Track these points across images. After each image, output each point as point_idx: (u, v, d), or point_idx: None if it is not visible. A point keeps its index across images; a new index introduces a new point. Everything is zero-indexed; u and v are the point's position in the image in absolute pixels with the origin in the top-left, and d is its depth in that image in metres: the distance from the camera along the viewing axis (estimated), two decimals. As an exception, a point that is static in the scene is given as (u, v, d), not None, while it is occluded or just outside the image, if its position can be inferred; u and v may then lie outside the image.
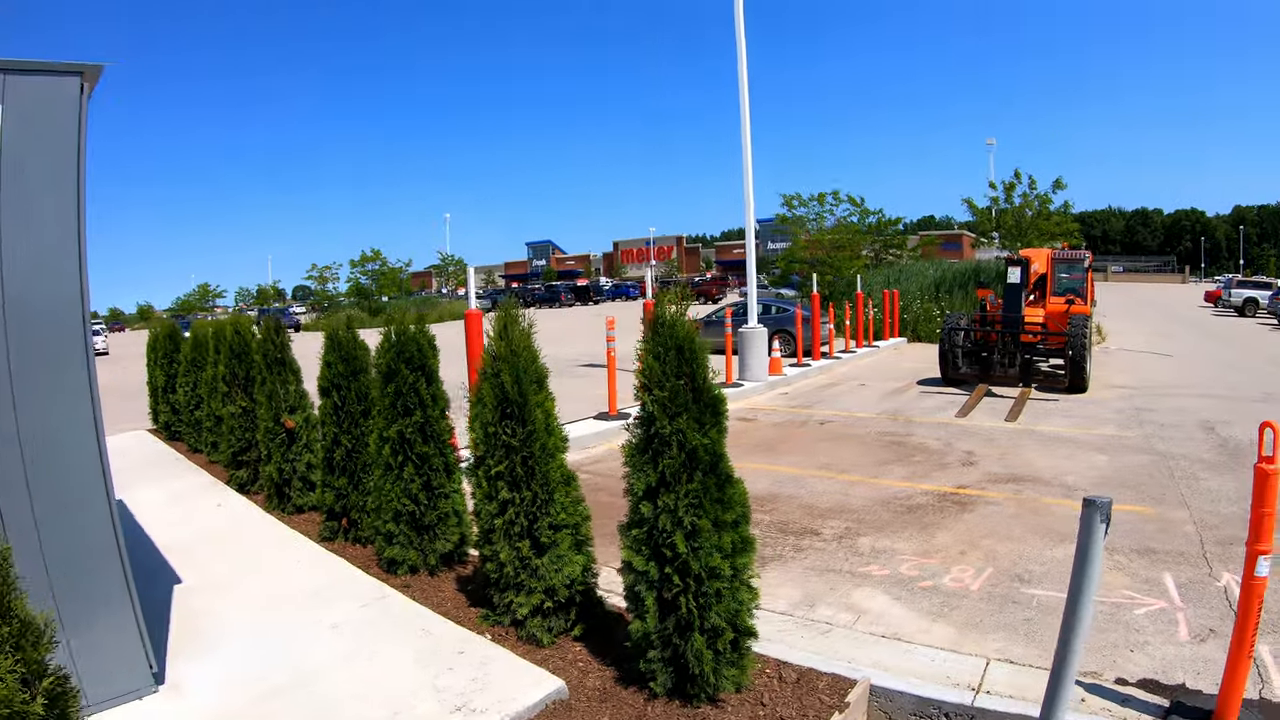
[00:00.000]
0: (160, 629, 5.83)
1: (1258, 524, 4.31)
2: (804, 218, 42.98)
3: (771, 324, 24.66)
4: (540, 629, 5.58)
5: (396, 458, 6.87)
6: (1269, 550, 4.30)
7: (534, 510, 5.58)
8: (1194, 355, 25.30)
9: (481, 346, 11.13)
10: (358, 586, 6.66)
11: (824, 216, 42.83)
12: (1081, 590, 3.92)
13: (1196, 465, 10.84)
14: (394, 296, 76.29)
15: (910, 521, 8.70)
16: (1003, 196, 41.95)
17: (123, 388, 17.47)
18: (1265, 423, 4.26)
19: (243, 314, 11.52)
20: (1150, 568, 7.24)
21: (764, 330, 19.87)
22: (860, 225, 42.77)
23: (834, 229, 41.98)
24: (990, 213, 42.76)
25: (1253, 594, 4.35)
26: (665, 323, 4.85)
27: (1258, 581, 4.32)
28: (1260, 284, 52.32)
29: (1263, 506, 4.28)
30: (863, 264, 40.27)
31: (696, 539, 4.65)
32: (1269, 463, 4.25)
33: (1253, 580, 4.33)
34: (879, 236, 44.85)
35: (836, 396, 17.96)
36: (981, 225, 44.70)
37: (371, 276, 74.79)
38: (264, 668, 5.29)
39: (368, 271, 74.56)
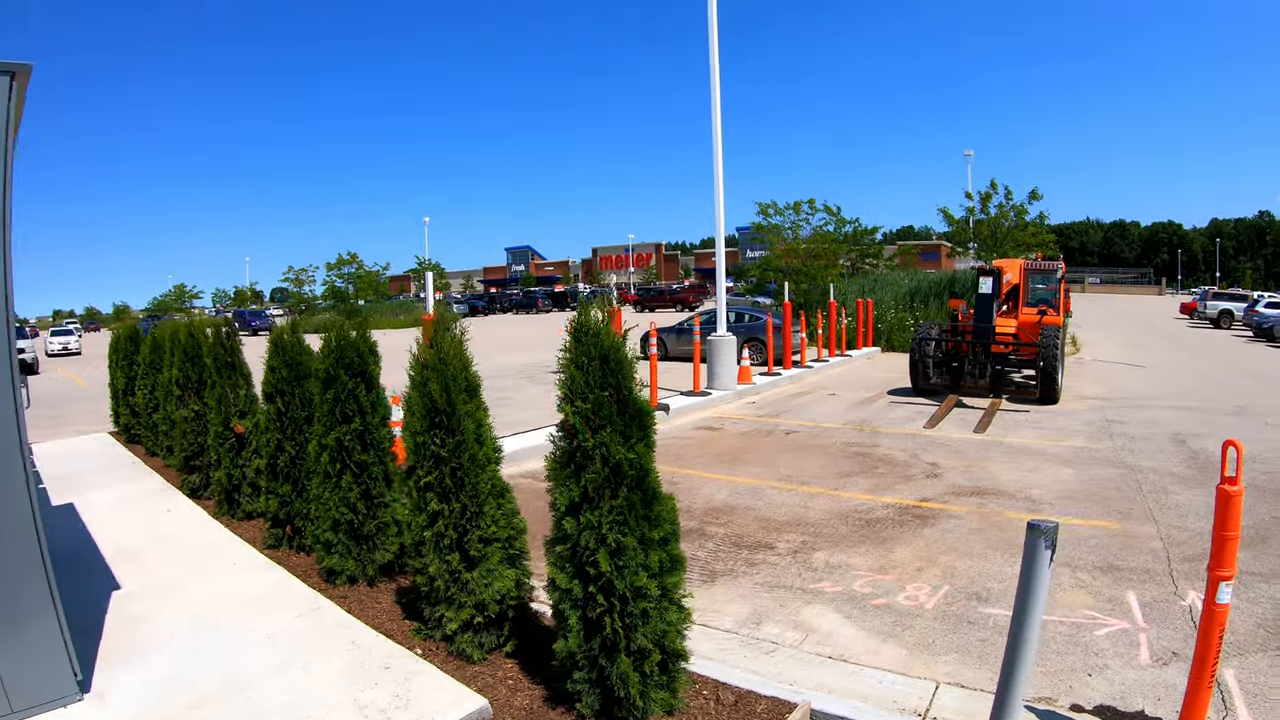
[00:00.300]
0: (94, 636, 5.80)
1: (1220, 548, 4.06)
2: (780, 226, 42.91)
3: (743, 332, 24.50)
4: (470, 644, 5.38)
5: (335, 465, 6.68)
6: (1231, 575, 4.06)
7: (464, 523, 5.37)
8: (1168, 367, 25.26)
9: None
10: (294, 596, 6.53)
11: (800, 225, 42.82)
12: (1024, 621, 3.65)
13: (1166, 479, 10.67)
14: (371, 300, 75.72)
15: (868, 536, 8.45)
16: (978, 207, 42.03)
17: (91, 389, 17.29)
18: (1228, 441, 4.02)
19: (219, 316, 11.34)
20: (1114, 586, 7.03)
21: (733, 339, 19.63)
22: (836, 234, 42.70)
23: (810, 238, 41.92)
24: (966, 223, 42.77)
25: (1214, 622, 4.10)
26: (589, 331, 4.62)
27: (1219, 609, 4.07)
28: (1236, 296, 52.93)
29: (1225, 529, 4.03)
30: (838, 273, 40.16)
31: (621, 557, 4.45)
32: (1232, 483, 4.00)
33: (1214, 607, 4.08)
34: (855, 246, 44.83)
35: (805, 406, 17.74)
36: (957, 235, 44.66)
37: (348, 279, 74.19)
38: (195, 676, 5.21)
39: (344, 275, 73.95)
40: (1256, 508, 9.26)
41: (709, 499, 9.94)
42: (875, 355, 29.64)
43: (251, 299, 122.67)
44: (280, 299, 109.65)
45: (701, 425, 15.36)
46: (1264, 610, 6.47)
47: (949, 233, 46.00)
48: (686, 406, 16.83)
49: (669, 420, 15.73)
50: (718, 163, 19.72)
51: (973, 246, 43.19)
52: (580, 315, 4.67)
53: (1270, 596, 6.74)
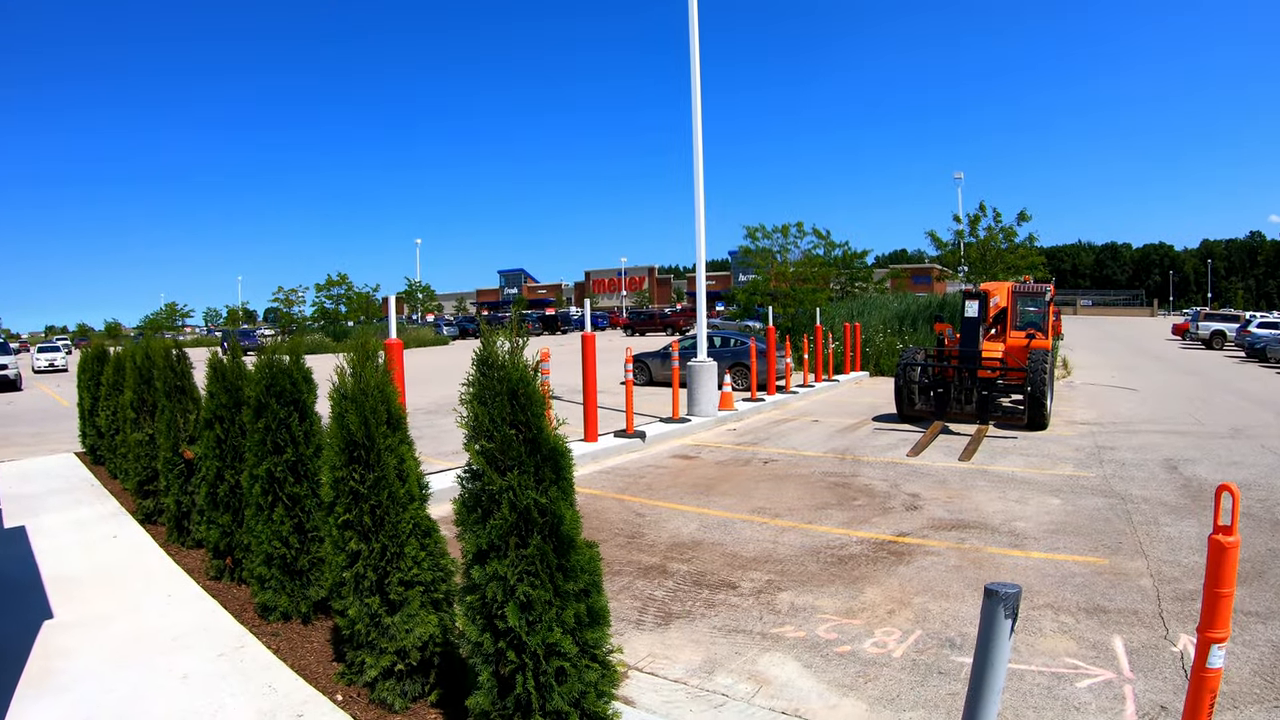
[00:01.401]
0: (17, 667, 5.73)
1: (1212, 605, 3.56)
2: (768, 250, 42.63)
3: (727, 357, 24.22)
4: (392, 693, 5.00)
5: (267, 498, 6.41)
6: (1225, 637, 3.56)
7: (384, 564, 5.01)
8: (1160, 389, 25.01)
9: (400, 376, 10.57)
10: (221, 634, 6.31)
11: (788, 249, 42.53)
12: (982, 697, 3.11)
13: (1158, 509, 10.33)
14: (360, 321, 75.34)
15: (839, 575, 8.00)
16: (967, 230, 41.82)
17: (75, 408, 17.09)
18: (1222, 486, 3.52)
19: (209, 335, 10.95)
20: (1099, 630, 6.61)
21: (713, 364, 19.23)
22: (825, 257, 42.41)
23: (799, 261, 41.64)
24: (956, 246, 42.58)
25: (1204, 688, 3.60)
26: (495, 363, 4.21)
27: (1210, 674, 3.57)
28: (1227, 317, 53.09)
29: (1218, 585, 3.53)
30: (827, 296, 39.85)
31: (531, 611, 4.06)
32: (1226, 533, 3.49)
33: (1204, 673, 3.58)
34: (845, 269, 44.57)
35: (786, 433, 17.31)
36: (947, 259, 44.45)
37: (337, 300, 73.88)
38: (104, 716, 5.00)
39: (333, 296, 73.69)
40: (1253, 539, 8.90)
41: (675, 533, 9.49)
42: (863, 380, 29.35)
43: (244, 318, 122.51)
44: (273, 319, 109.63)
45: (678, 453, 14.96)
46: (1261, 655, 6.07)
47: (940, 256, 45.81)
48: (664, 434, 16.41)
49: (645, 448, 15.31)
50: (699, 189, 19.55)
51: (963, 270, 42.97)
52: (485, 346, 4.22)
53: (1268, 639, 6.35)
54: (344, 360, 5.36)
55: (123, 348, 12.31)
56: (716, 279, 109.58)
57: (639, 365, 26.75)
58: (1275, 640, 6.30)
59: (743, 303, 46.53)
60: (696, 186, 19.44)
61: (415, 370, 24.17)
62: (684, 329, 71.14)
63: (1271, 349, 36.49)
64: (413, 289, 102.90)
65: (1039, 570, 8.03)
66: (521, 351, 4.30)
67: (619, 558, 8.60)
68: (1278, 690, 5.51)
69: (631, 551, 8.81)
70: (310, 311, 76.25)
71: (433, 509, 5.54)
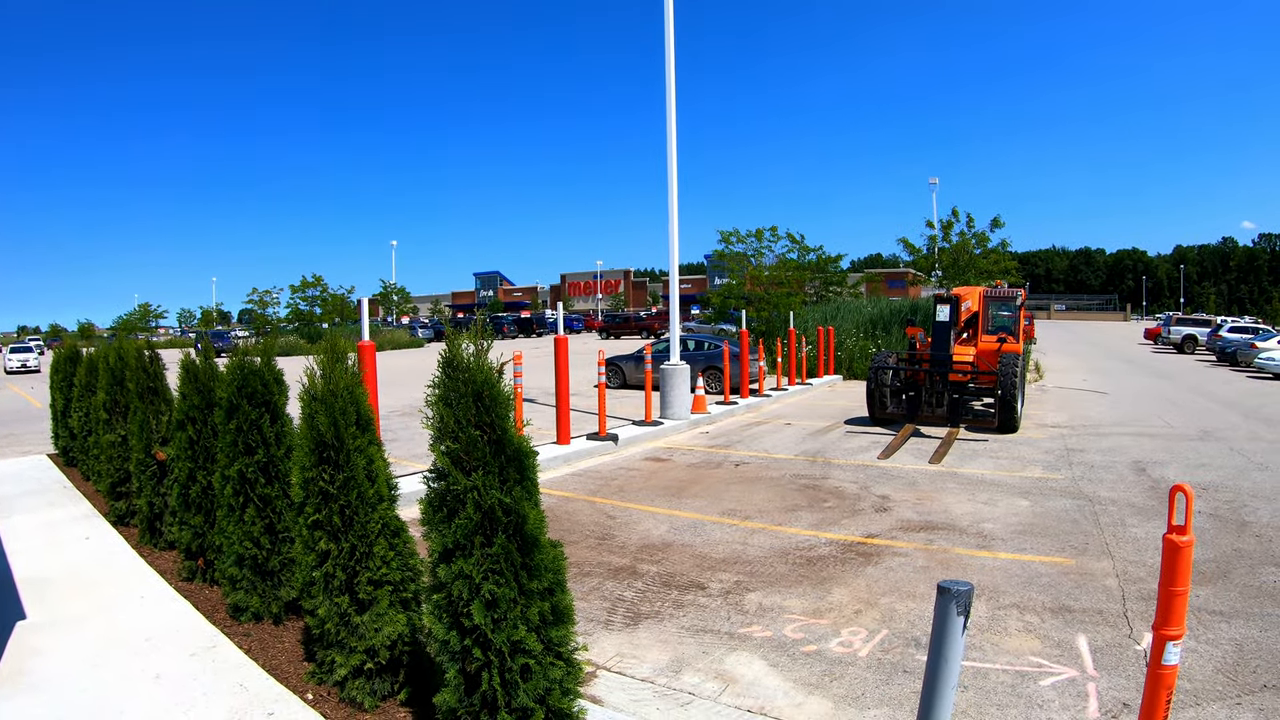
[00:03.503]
0: None
1: (1167, 604, 3.63)
2: (743, 254, 42.60)
3: (700, 360, 24.20)
4: (362, 691, 5.02)
5: (238, 499, 6.37)
6: (1180, 635, 3.62)
7: (353, 564, 5.02)
8: (1131, 393, 25.18)
9: (373, 378, 10.55)
10: (193, 634, 6.30)
11: (762, 253, 42.48)
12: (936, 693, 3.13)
13: (1125, 510, 10.40)
14: (335, 322, 74.94)
15: (807, 575, 8.03)
16: (941, 235, 41.94)
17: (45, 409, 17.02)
18: (1176, 486, 3.59)
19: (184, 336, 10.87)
20: (1064, 629, 6.68)
21: (685, 367, 19.22)
22: (800, 261, 42.40)
23: (773, 265, 41.62)
24: (930, 251, 42.70)
25: (1160, 684, 3.65)
26: (460, 365, 4.23)
27: (1166, 671, 3.63)
28: (1199, 321, 53.61)
29: (1173, 584, 3.58)
30: (801, 300, 39.87)
31: (497, 609, 4.07)
32: (1180, 532, 3.55)
33: (1160, 670, 3.63)
34: (819, 273, 44.59)
35: (758, 436, 17.33)
36: (921, 263, 44.57)
37: (312, 302, 73.45)
38: (76, 716, 5.01)
39: (308, 297, 73.22)
40: (1219, 540, 9.01)
41: (646, 534, 9.50)
42: (836, 383, 29.41)
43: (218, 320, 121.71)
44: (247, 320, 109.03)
45: (650, 456, 14.96)
46: (1224, 653, 6.16)
47: (914, 261, 45.94)
48: (636, 436, 16.42)
49: (617, 451, 15.31)
50: (672, 193, 19.55)
51: (936, 275, 43.09)
52: (450, 347, 4.23)
53: (1231, 638, 6.43)
54: (314, 362, 5.37)
55: (96, 348, 12.23)
56: (692, 282, 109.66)
57: (612, 368, 26.74)
58: (1238, 638, 6.38)
59: (717, 306, 46.43)
60: (670, 190, 19.44)
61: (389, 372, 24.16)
62: (659, 332, 71.19)
63: (1242, 353, 36.85)
64: (388, 291, 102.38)
65: (1006, 571, 8.08)
66: (486, 353, 4.31)
67: (589, 559, 8.61)
68: (1240, 687, 5.58)
69: (602, 553, 8.82)
70: (285, 313, 75.80)
71: (404, 511, 5.55)
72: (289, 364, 6.65)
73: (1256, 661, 5.99)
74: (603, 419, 16.00)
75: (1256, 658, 6.05)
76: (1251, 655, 6.09)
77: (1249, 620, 6.77)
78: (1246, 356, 35.95)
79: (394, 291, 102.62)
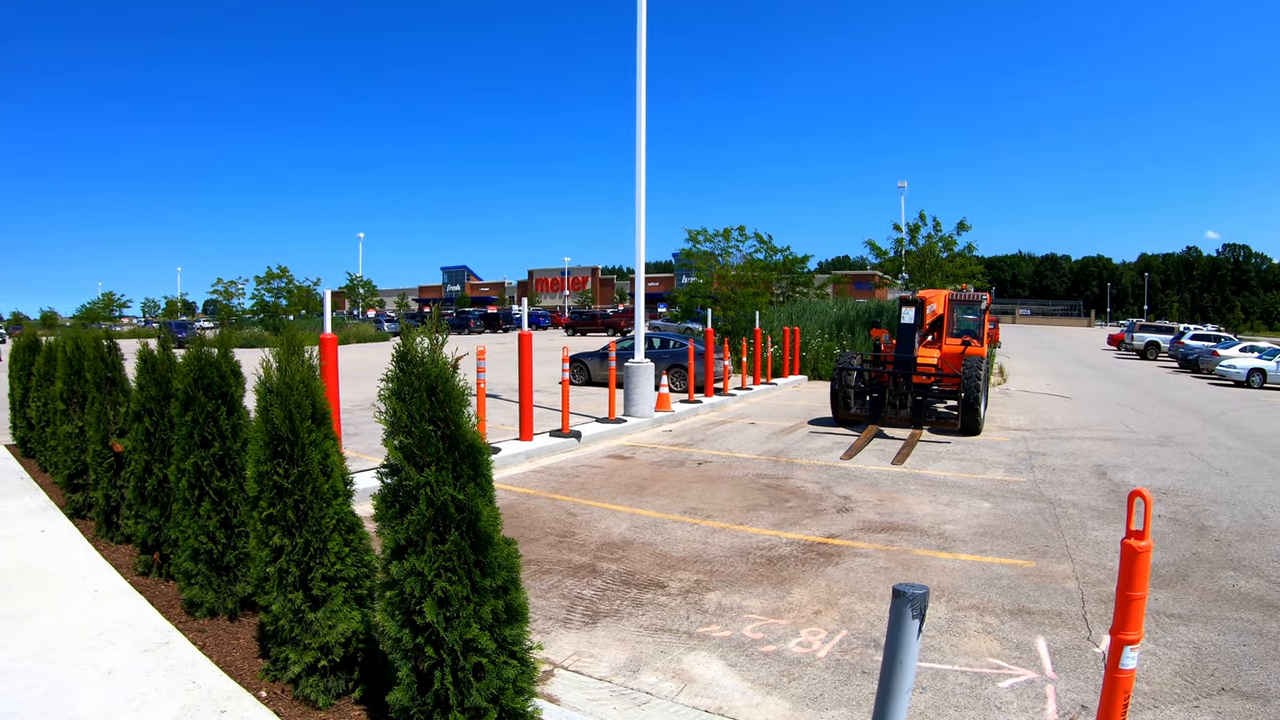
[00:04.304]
0: None
1: (1124, 609, 3.61)
2: (710, 253, 42.63)
3: (666, 359, 24.15)
4: (316, 689, 4.93)
5: (193, 492, 6.25)
6: (1138, 639, 3.59)
7: (307, 559, 4.94)
8: (1094, 397, 25.35)
9: (334, 372, 10.44)
10: (147, 629, 6.16)
11: (729, 252, 42.53)
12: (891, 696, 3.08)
13: (1085, 513, 10.46)
14: (301, 314, 74.36)
15: (767, 575, 8.00)
16: (907, 238, 42.12)
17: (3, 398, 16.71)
18: (1135, 491, 3.57)
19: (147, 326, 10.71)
20: (1023, 631, 6.69)
21: (650, 365, 19.19)
22: (767, 262, 42.47)
23: (740, 265, 41.68)
24: (897, 254, 42.87)
25: (1118, 689, 3.63)
26: (414, 359, 4.18)
27: (1123, 675, 3.61)
28: (1162, 328, 54.50)
29: (1130, 589, 3.56)
30: (767, 300, 39.94)
31: (449, 607, 4.02)
32: (1139, 538, 3.52)
33: (1118, 674, 3.61)
34: (785, 274, 44.67)
35: (722, 435, 17.31)
36: (888, 266, 44.76)
37: (277, 294, 72.84)
38: (24, 714, 4.88)
39: (274, 289, 72.60)
40: (1178, 543, 9.09)
41: (607, 533, 9.44)
42: (801, 383, 29.46)
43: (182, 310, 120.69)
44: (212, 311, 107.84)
45: (613, 453, 14.90)
46: (1182, 656, 6.20)
47: (881, 263, 46.13)
48: (599, 434, 16.36)
49: (580, 448, 15.24)
50: (640, 190, 19.50)
51: (903, 277, 43.27)
52: (404, 340, 4.17)
53: (1189, 640, 6.48)
54: (270, 354, 5.29)
55: (56, 337, 12.06)
56: (659, 281, 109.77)
57: (577, 365, 26.67)
58: (1197, 642, 6.41)
59: (684, 305, 46.53)
60: (638, 187, 19.38)
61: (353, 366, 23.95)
62: (625, 329, 71.14)
63: (1204, 360, 37.40)
64: (354, 284, 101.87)
65: (966, 572, 8.08)
66: (441, 348, 4.25)
67: (549, 556, 8.55)
68: (1198, 690, 5.60)
69: (562, 550, 8.76)
70: (250, 304, 75.29)
71: (362, 507, 5.47)
72: (252, 356, 6.57)
73: (1214, 665, 6.02)
74: (566, 416, 15.94)
75: (1214, 661, 6.08)
76: (1209, 658, 6.13)
77: (1207, 624, 6.80)
78: (1208, 364, 36.47)
79: (360, 284, 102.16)
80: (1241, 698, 5.51)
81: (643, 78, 19.06)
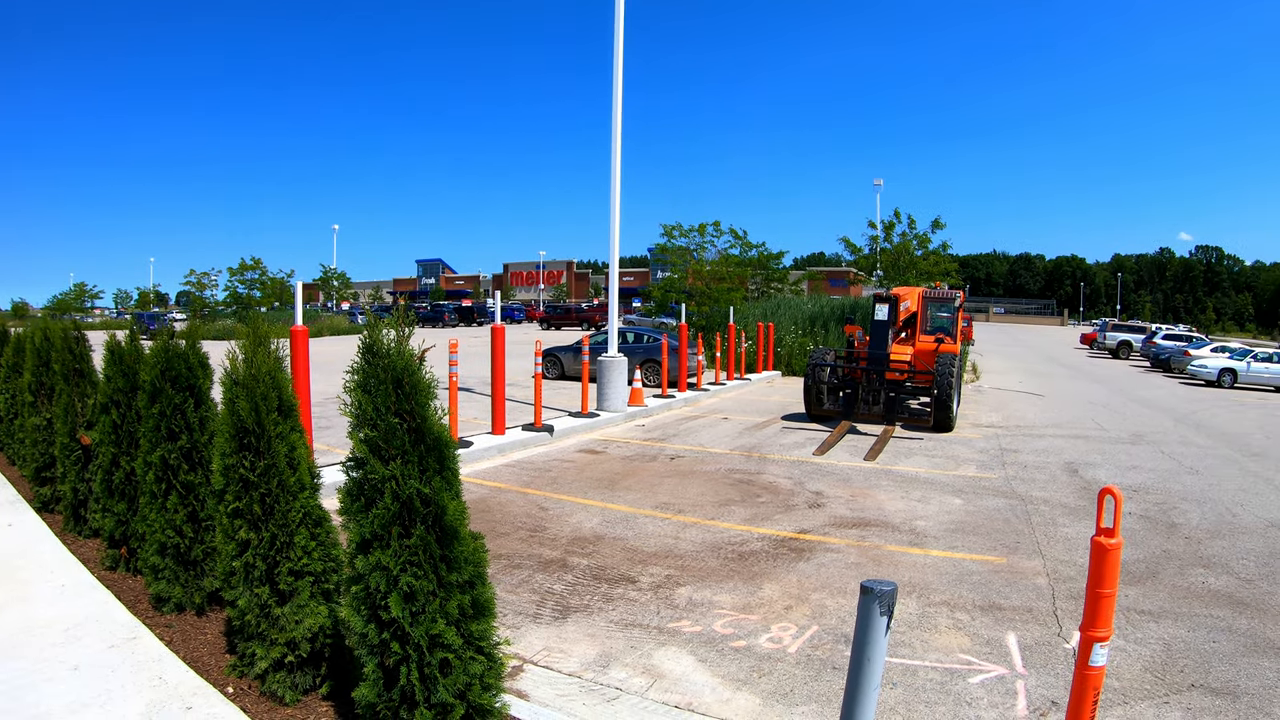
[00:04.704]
0: None
1: (1094, 605, 3.61)
2: (685, 248, 42.59)
3: (639, 353, 24.11)
4: (283, 685, 4.87)
5: (160, 485, 6.17)
6: (1108, 636, 3.59)
7: (273, 553, 4.89)
8: (1066, 395, 25.48)
9: (305, 364, 10.33)
10: (113, 625, 6.08)
11: (704, 247, 42.52)
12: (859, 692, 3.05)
13: (1057, 510, 10.49)
14: (274, 306, 73.80)
15: (738, 570, 7.98)
16: (882, 235, 42.23)
17: None
18: (1105, 489, 3.56)
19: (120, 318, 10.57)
20: (994, 627, 6.69)
21: (623, 359, 19.15)
22: (741, 257, 42.48)
23: (715, 261, 41.67)
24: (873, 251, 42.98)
25: (1088, 685, 3.62)
26: (380, 351, 4.13)
27: (1093, 672, 3.60)
28: (1134, 328, 54.87)
29: (1100, 586, 3.55)
30: (742, 296, 39.94)
31: (415, 602, 3.99)
32: (1109, 535, 3.51)
33: (1087, 671, 3.59)
34: (760, 270, 44.68)
35: (695, 430, 17.29)
36: (863, 263, 44.88)
37: (250, 285, 72.23)
38: None
39: (247, 280, 71.97)
40: (1148, 540, 9.13)
41: (578, 527, 9.40)
42: (775, 379, 29.47)
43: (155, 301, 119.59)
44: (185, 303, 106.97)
45: (585, 448, 14.85)
46: (1152, 653, 6.22)
47: (856, 260, 46.22)
48: (572, 428, 16.29)
49: (552, 442, 15.18)
50: (615, 184, 19.45)
51: (878, 275, 43.37)
52: (370, 332, 4.11)
53: (1159, 637, 6.50)
54: (237, 345, 5.23)
55: (25, 328, 11.92)
56: (634, 275, 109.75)
57: (551, 359, 26.60)
58: (1166, 638, 6.43)
59: (658, 299, 46.39)
60: (613, 181, 19.32)
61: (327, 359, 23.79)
62: (600, 324, 71.07)
63: (1175, 360, 37.74)
64: (328, 276, 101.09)
65: (937, 568, 8.08)
66: (407, 340, 4.21)
67: (520, 551, 8.50)
68: (1168, 686, 5.62)
69: (533, 545, 8.70)
70: (223, 296, 74.61)
71: (330, 501, 5.40)
72: (223, 348, 6.50)
73: (1184, 661, 6.04)
74: (538, 410, 15.87)
75: (1184, 657, 6.10)
76: (1179, 655, 6.14)
77: (1177, 620, 6.82)
78: (1180, 363, 36.79)
79: (334, 276, 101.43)
80: (1211, 694, 5.52)
81: (619, 79, 19.05)
